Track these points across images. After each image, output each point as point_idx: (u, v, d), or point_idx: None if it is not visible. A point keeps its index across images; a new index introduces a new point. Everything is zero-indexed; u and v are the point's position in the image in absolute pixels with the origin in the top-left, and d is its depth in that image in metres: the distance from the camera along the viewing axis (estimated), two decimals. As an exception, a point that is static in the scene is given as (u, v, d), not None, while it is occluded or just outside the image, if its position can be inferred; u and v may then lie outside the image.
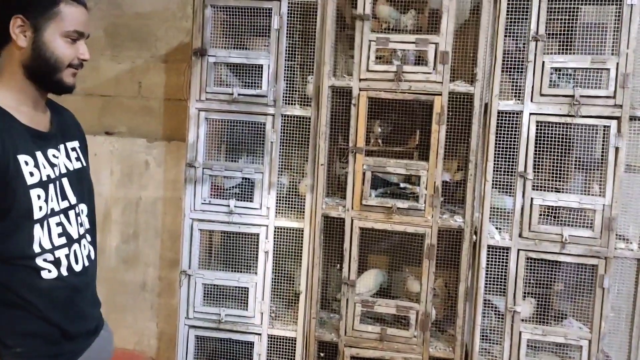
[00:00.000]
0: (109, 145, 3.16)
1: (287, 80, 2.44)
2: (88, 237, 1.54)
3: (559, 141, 2.25)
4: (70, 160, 1.50)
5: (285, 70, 2.42)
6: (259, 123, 2.45)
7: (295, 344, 2.47)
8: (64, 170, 1.46)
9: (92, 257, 1.54)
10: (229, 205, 2.46)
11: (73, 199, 1.47)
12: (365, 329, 2.37)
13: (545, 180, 2.28)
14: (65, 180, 1.46)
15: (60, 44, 1.39)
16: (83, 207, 1.53)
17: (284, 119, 2.44)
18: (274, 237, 2.47)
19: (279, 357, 2.50)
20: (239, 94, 2.42)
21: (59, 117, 1.54)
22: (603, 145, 2.20)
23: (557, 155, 2.28)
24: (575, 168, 2.29)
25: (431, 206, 2.28)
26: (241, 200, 2.48)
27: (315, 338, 2.42)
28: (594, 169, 2.23)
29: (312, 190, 2.40)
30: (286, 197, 2.49)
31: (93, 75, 3.16)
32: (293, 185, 2.53)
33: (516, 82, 2.24)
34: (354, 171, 2.33)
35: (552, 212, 2.27)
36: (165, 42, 3.09)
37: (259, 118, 2.44)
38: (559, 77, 2.25)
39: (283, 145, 2.47)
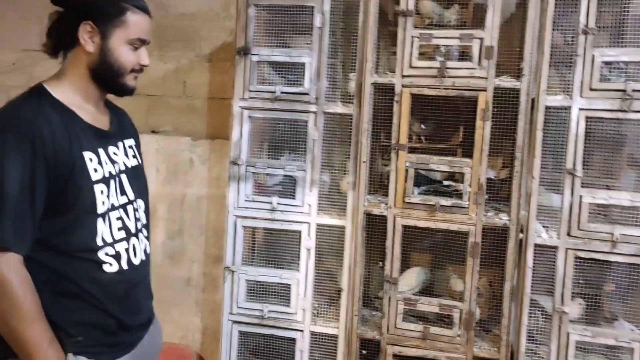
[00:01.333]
0: (155, 144, 3.23)
1: (329, 77, 2.44)
2: (144, 231, 1.60)
3: (609, 137, 2.18)
4: (128, 158, 1.57)
5: (327, 67, 2.42)
6: (301, 121, 2.46)
7: (337, 341, 2.47)
8: (122, 167, 1.53)
9: (148, 251, 1.61)
10: (271, 203, 2.48)
11: (131, 195, 1.54)
12: (407, 327, 2.35)
13: (595, 177, 2.21)
14: (124, 177, 1.53)
15: (124, 51, 1.45)
16: (140, 202, 1.60)
17: (326, 117, 2.44)
18: (316, 234, 2.47)
19: (322, 354, 2.51)
20: (281, 92, 2.44)
21: (117, 116, 1.62)
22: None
23: (608, 152, 2.20)
24: (627, 165, 2.21)
25: (475, 204, 2.24)
26: (283, 198, 2.49)
27: (358, 335, 2.42)
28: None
29: (354, 187, 2.40)
30: (328, 195, 2.50)
31: (140, 75, 3.23)
32: (335, 182, 2.53)
33: (564, 77, 2.18)
34: (396, 168, 2.31)
35: (602, 211, 2.20)
36: (209, 41, 3.14)
37: (301, 116, 2.45)
38: (609, 71, 2.17)
39: (325, 143, 2.48)
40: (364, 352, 2.45)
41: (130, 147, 1.61)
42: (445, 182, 2.48)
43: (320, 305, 2.56)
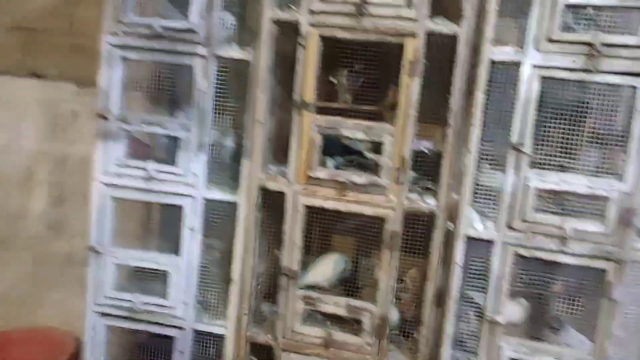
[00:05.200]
0: (32, 91, 2.65)
1: (225, 10, 1.90)
2: None
3: (569, 104, 1.70)
4: None
5: (222, -2, 1.88)
6: (187, 66, 1.93)
7: (224, 342, 2.00)
8: None
9: None
10: (147, 169, 1.96)
11: None
12: (307, 332, 1.89)
13: (547, 155, 1.73)
14: None
15: None
16: None
17: (220, 62, 1.91)
18: (204, 211, 1.97)
19: (206, 357, 2.04)
20: (161, 27, 1.89)
21: None
22: (626, 111, 1.65)
23: (566, 124, 1.73)
24: (588, 142, 1.74)
25: (396, 182, 1.76)
26: (163, 164, 1.97)
27: (247, 339, 1.95)
28: (612, 144, 1.68)
29: (248, 155, 1.89)
30: (220, 162, 1.98)
31: (16, 3, 2.64)
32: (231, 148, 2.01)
33: (517, 23, 1.68)
34: (299, 133, 1.81)
35: (553, 198, 1.74)
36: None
37: (187, 59, 1.91)
38: (575, 20, 1.68)
39: (220, 97, 1.95)
40: (253, 358, 1.99)
41: None
42: (369, 155, 1.99)
43: (205, 299, 2.07)
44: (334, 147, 1.96)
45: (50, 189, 2.70)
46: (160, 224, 2.16)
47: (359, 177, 1.79)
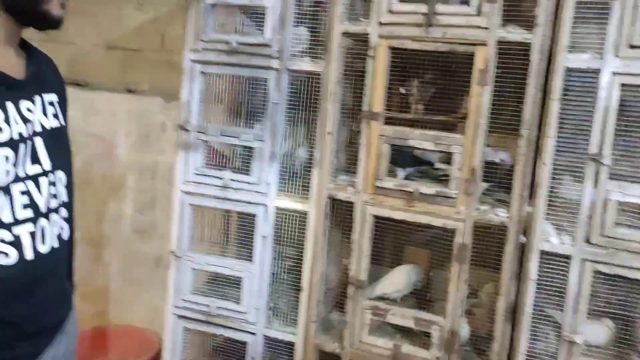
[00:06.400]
0: (125, 104, 2.85)
1: (298, 25, 1.96)
2: (63, 211, 1.23)
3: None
4: (47, 117, 1.19)
5: (295, 14, 1.94)
6: (261, 79, 2.00)
7: (294, 349, 2.04)
8: (38, 129, 1.15)
9: (65, 237, 1.24)
10: (223, 178, 2.05)
11: (47, 164, 1.17)
12: (374, 342, 1.88)
13: (629, 167, 1.63)
14: (39, 140, 1.15)
15: None
16: (60, 175, 1.22)
17: (291, 75, 1.97)
18: (275, 219, 2.03)
19: (277, 363, 2.09)
20: (237, 43, 1.97)
21: (37, 62, 1.22)
22: None
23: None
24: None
25: (465, 194, 1.72)
26: (238, 173, 2.05)
27: (315, 346, 1.97)
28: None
29: (318, 165, 1.93)
30: (291, 172, 2.03)
31: (115, 25, 2.85)
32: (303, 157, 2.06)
33: (594, 29, 1.60)
34: (367, 144, 1.82)
35: (636, 212, 1.63)
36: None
37: (261, 72, 1.98)
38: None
39: (293, 109, 2.01)
40: (322, 366, 2.01)
41: (51, 103, 1.22)
42: (438, 165, 1.97)
43: (279, 305, 2.12)
44: (406, 159, 1.96)
45: (141, 195, 2.87)
46: (236, 232, 2.23)
47: (427, 188, 1.77)
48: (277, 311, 2.10)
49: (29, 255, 1.10)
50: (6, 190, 1.06)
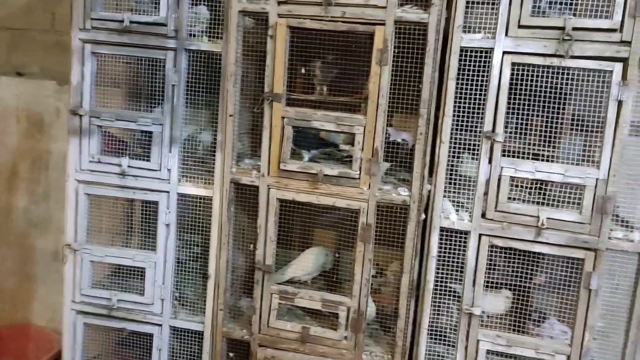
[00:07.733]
0: (14, 89, 2.64)
1: (198, 4, 1.88)
2: None
3: (541, 91, 1.66)
4: None
5: (191, -9, 1.86)
6: (158, 60, 1.91)
7: (202, 338, 1.98)
8: None
9: None
10: (121, 165, 1.94)
11: None
12: (283, 327, 1.87)
13: (520, 144, 1.70)
14: None
15: None
16: None
17: (190, 55, 1.89)
18: (177, 207, 1.95)
19: (184, 354, 2.03)
20: (131, 22, 1.87)
21: None
22: (601, 97, 1.61)
23: (538, 111, 1.69)
24: (561, 129, 1.70)
25: (368, 174, 1.73)
26: (137, 159, 1.96)
27: (223, 334, 1.93)
28: (586, 131, 1.64)
29: (220, 148, 1.87)
30: (194, 157, 1.96)
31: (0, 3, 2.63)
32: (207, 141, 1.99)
33: (487, 9, 1.64)
34: (270, 126, 1.78)
35: (527, 187, 1.71)
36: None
37: (157, 53, 1.89)
38: (547, 4, 1.64)
39: (193, 91, 1.93)
40: (231, 354, 1.97)
41: None
42: (343, 147, 1.97)
43: (185, 295, 2.05)
44: (311, 141, 1.93)
45: (34, 186, 2.69)
46: (139, 221, 2.14)
47: (331, 169, 1.76)
48: (183, 301, 2.03)
49: None
50: None
